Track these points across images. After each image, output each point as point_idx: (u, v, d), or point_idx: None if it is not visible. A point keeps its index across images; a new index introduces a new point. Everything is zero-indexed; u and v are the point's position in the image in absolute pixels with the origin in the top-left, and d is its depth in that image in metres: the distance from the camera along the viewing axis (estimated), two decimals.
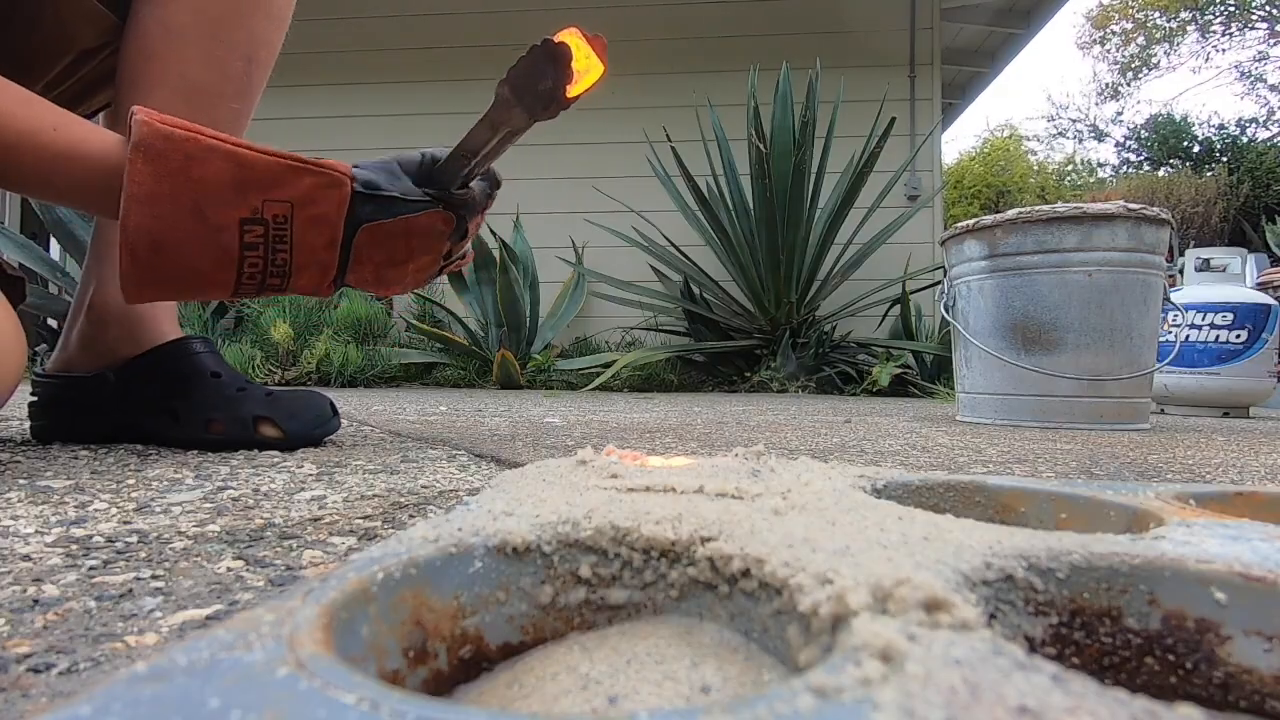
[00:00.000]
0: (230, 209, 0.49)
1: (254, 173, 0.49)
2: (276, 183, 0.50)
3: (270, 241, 0.51)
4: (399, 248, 0.56)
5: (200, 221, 0.48)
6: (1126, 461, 0.71)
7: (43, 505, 0.40)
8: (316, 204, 0.51)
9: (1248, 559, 0.17)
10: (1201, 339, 1.93)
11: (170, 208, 0.48)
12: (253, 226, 0.50)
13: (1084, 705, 0.10)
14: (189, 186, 0.48)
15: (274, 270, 0.52)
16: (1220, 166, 7.14)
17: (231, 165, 0.49)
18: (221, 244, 0.49)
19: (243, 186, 0.49)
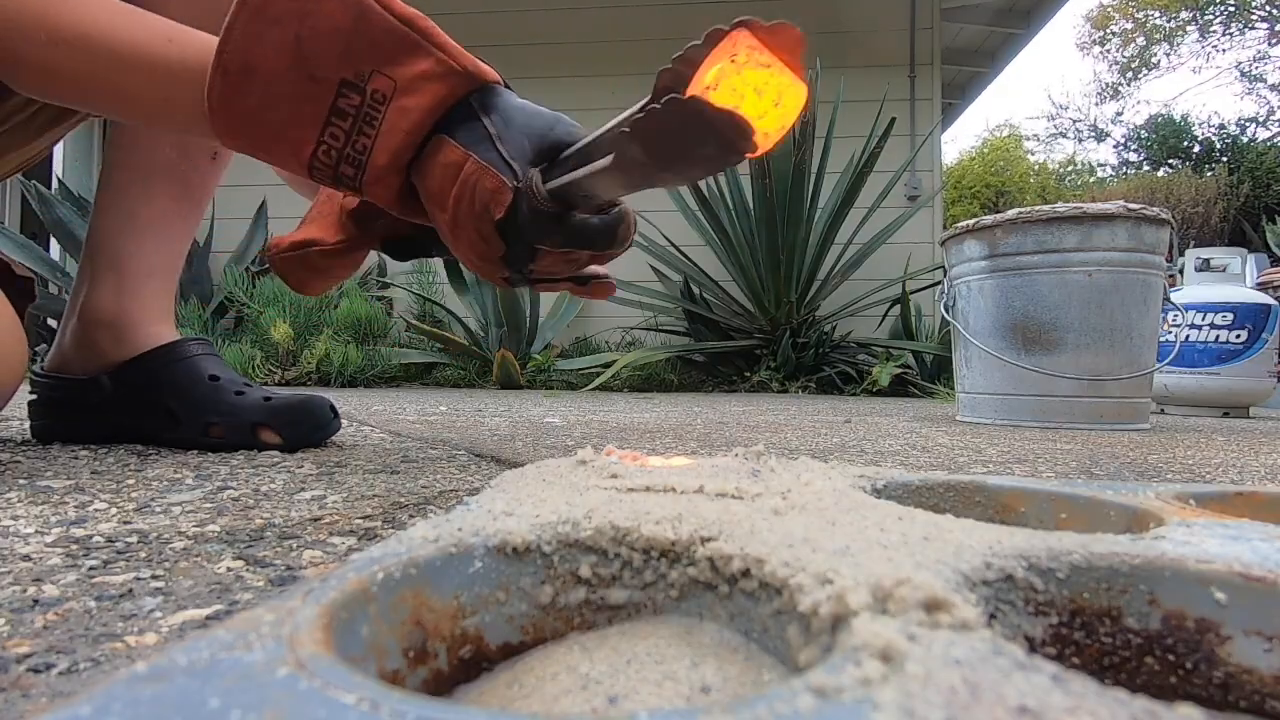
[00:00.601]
0: (334, 63, 0.43)
1: (374, 34, 0.42)
2: (393, 55, 0.43)
3: (360, 119, 0.44)
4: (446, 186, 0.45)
5: (298, 62, 0.42)
6: (1126, 461, 0.71)
7: (43, 505, 0.40)
8: (416, 93, 0.43)
9: (1248, 559, 0.17)
10: (1201, 339, 1.93)
11: (275, 29, 0.42)
12: (350, 94, 0.43)
13: (1084, 705, 0.10)
14: (301, 18, 0.42)
15: (351, 157, 0.45)
16: (1220, 166, 7.15)
17: (353, 15, 0.42)
18: (312, 96, 0.43)
19: (355, 44, 0.42)
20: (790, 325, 2.67)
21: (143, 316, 0.69)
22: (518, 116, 0.45)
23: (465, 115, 0.44)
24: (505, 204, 0.44)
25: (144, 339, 0.68)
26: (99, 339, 0.68)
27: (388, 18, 0.42)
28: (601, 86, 3.33)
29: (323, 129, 0.43)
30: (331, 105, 0.43)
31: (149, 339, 0.68)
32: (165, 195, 0.70)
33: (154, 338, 0.69)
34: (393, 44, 0.42)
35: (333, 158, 0.44)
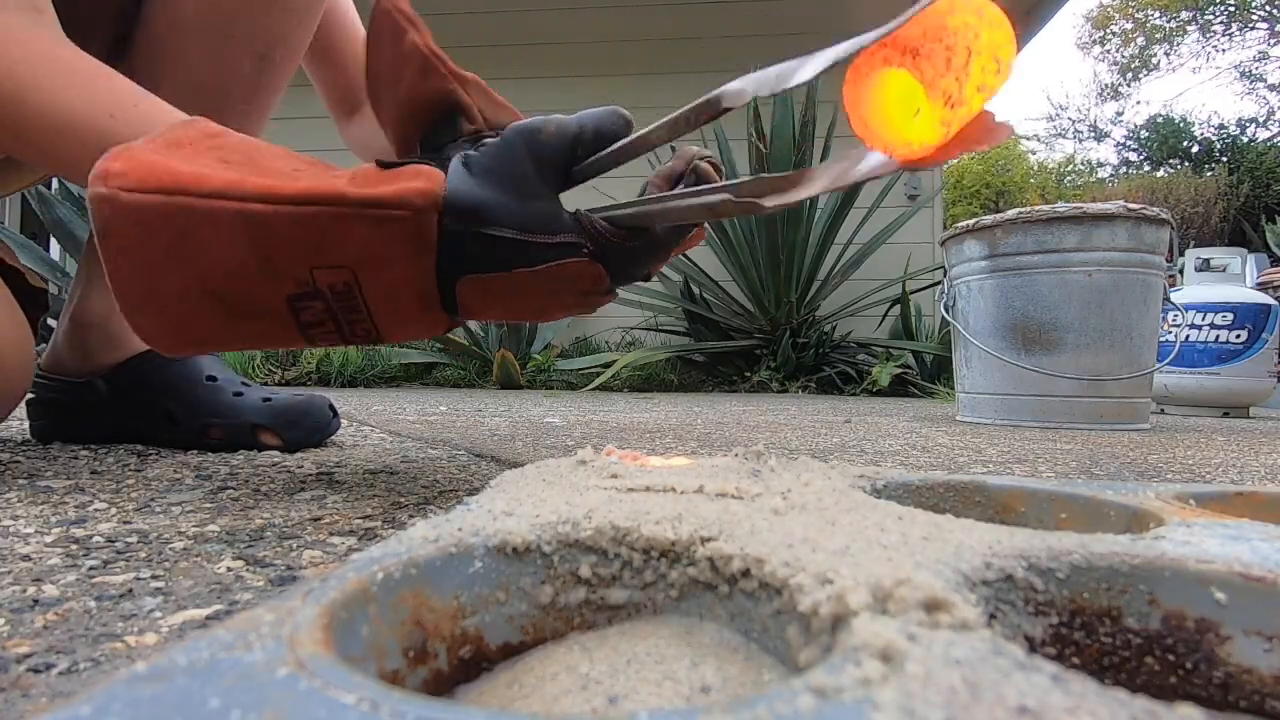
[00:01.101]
0: (268, 290, 0.35)
1: (281, 236, 0.34)
2: (319, 245, 0.34)
3: (338, 314, 0.37)
4: (516, 304, 0.39)
5: (232, 310, 0.35)
6: (1126, 461, 0.71)
7: (43, 505, 0.40)
8: (387, 264, 0.35)
9: (1248, 559, 0.17)
10: (1201, 339, 1.93)
11: (182, 305, 0.35)
12: (306, 303, 0.36)
13: (1084, 705, 0.10)
14: (200, 277, 0.34)
15: (356, 335, 0.39)
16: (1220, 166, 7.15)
17: (247, 233, 0.33)
18: (271, 329, 0.37)
19: (273, 258, 0.34)
20: (790, 325, 2.67)
21: None
22: (504, 186, 0.36)
23: (464, 240, 0.36)
24: (602, 275, 0.38)
25: (134, 342, 0.68)
26: (89, 341, 0.68)
27: (282, 210, 0.34)
28: (601, 86, 3.33)
29: (306, 336, 0.38)
30: (298, 322, 0.37)
31: (140, 342, 0.68)
32: None
33: None
34: (309, 234, 0.34)
35: (336, 340, 0.39)
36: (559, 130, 0.37)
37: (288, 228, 0.34)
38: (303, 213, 0.33)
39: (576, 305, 0.40)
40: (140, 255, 0.34)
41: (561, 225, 0.37)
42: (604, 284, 0.39)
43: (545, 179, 0.37)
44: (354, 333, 0.38)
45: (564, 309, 0.40)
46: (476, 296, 0.38)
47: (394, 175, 0.35)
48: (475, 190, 0.35)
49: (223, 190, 0.33)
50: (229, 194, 0.33)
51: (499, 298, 0.38)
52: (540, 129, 0.37)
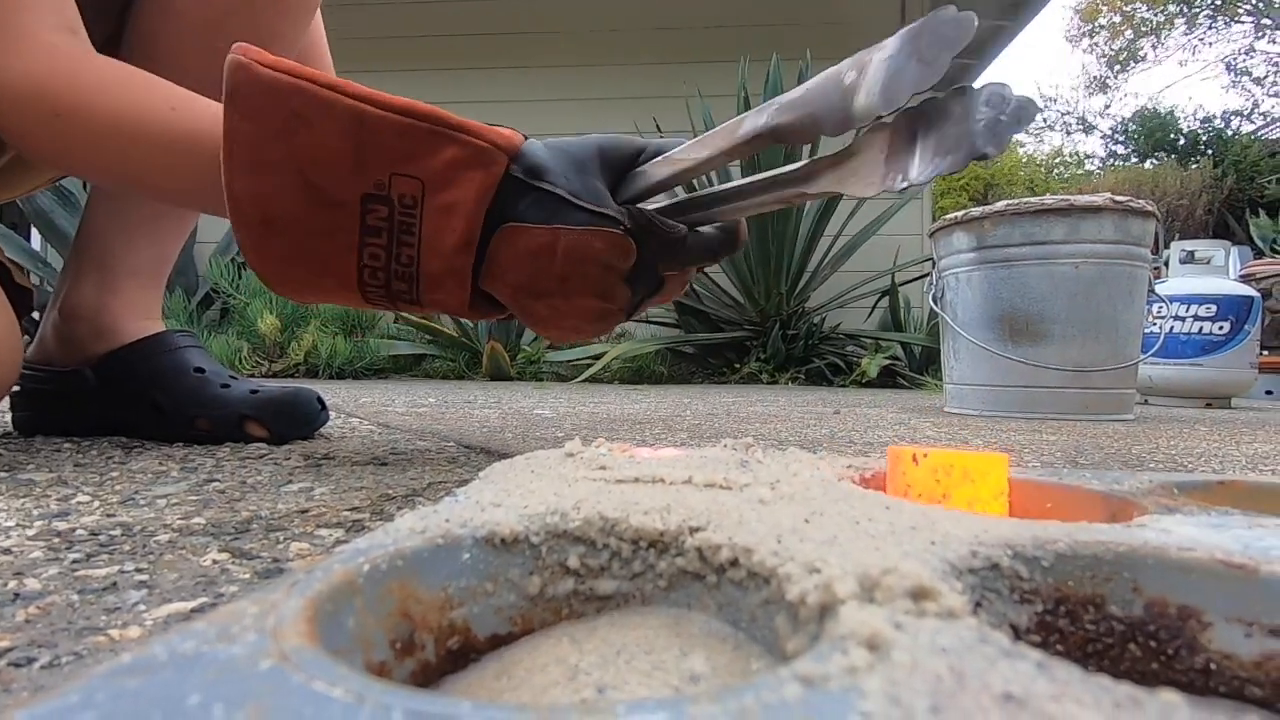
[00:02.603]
0: (350, 181, 0.39)
1: (380, 137, 0.38)
2: (409, 153, 0.39)
3: (395, 230, 0.40)
4: (542, 270, 0.41)
5: (312, 194, 0.39)
6: (1111, 452, 0.72)
7: (24, 498, 0.39)
8: (454, 185, 0.39)
9: (1229, 547, 0.17)
10: (1185, 330, 1.95)
11: (276, 177, 0.39)
12: (375, 205, 0.39)
13: (1068, 692, 0.10)
14: (299, 154, 0.38)
15: (399, 271, 0.41)
16: (1205, 159, 7.21)
17: (353, 126, 0.38)
18: (338, 223, 0.40)
19: (364, 155, 0.38)
20: (780, 317, 2.68)
21: (125, 313, 0.68)
22: (567, 163, 0.41)
23: (520, 191, 0.40)
24: (631, 251, 0.41)
25: (124, 333, 0.67)
26: (78, 333, 0.67)
27: (389, 116, 0.38)
28: (591, 76, 3.31)
29: (360, 252, 0.40)
30: (360, 225, 0.40)
31: (129, 334, 0.67)
32: None
33: (135, 332, 0.68)
34: (403, 141, 0.38)
35: (380, 278, 0.41)
36: (628, 141, 0.44)
37: (387, 130, 0.38)
38: (403, 122, 0.39)
39: (595, 287, 0.42)
40: (258, 122, 0.38)
41: (607, 202, 0.41)
42: (629, 260, 0.42)
43: (605, 170, 0.42)
44: (399, 259, 0.41)
45: (582, 288, 0.42)
46: (508, 248, 0.41)
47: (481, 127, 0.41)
48: (544, 155, 0.41)
49: (340, 86, 0.38)
50: (345, 90, 0.38)
51: (527, 256, 0.41)
52: (615, 137, 0.43)
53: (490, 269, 0.42)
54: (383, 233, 0.40)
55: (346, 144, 0.38)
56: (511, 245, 0.41)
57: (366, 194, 0.39)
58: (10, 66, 0.44)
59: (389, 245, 0.40)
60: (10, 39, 0.45)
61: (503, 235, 0.40)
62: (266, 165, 0.38)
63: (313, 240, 0.40)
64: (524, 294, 0.42)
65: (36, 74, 0.44)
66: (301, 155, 0.38)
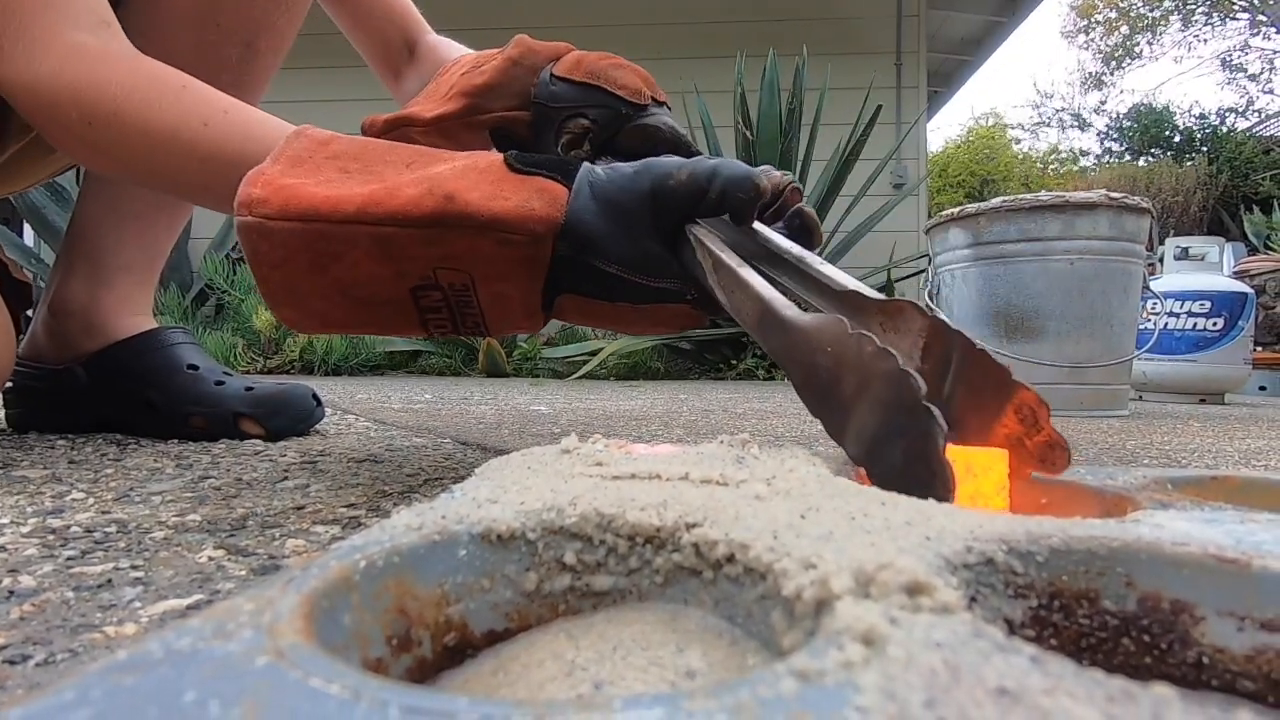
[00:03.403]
0: (394, 286, 0.38)
1: (412, 250, 0.37)
2: (446, 255, 0.37)
3: (453, 305, 0.40)
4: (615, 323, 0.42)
5: (360, 303, 0.39)
6: (1105, 447, 0.72)
7: (18, 495, 0.39)
8: (502, 278, 0.38)
9: (1222, 541, 0.17)
10: (1179, 327, 1.96)
11: (319, 301, 0.39)
12: (428, 292, 0.39)
13: (1061, 686, 0.10)
14: (337, 282, 0.38)
15: (466, 326, 0.42)
16: (1200, 156, 7.23)
17: (381, 251, 0.37)
18: (395, 311, 0.40)
19: (402, 266, 0.38)
20: None
21: (116, 309, 0.67)
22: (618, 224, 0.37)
23: (573, 269, 0.38)
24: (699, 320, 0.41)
25: (115, 330, 0.67)
26: (68, 329, 0.67)
27: (414, 233, 0.36)
28: None
29: (424, 321, 0.41)
30: (419, 310, 0.40)
31: (120, 330, 0.67)
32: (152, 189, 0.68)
33: (126, 329, 0.67)
34: (436, 248, 0.37)
35: (448, 329, 0.42)
36: (689, 181, 0.36)
37: (417, 245, 0.37)
38: (432, 234, 0.36)
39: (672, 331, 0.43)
40: (286, 269, 0.38)
41: (669, 271, 0.37)
42: (701, 323, 0.41)
43: (660, 225, 0.37)
44: (464, 324, 0.41)
45: (658, 331, 0.43)
46: (575, 311, 0.41)
47: (519, 184, 0.37)
48: (593, 222, 0.36)
49: (356, 216, 0.36)
50: (363, 219, 0.36)
51: (595, 317, 0.42)
52: (671, 175, 0.37)
53: (561, 312, 0.42)
54: (442, 309, 0.40)
55: (380, 264, 0.37)
56: (578, 309, 0.41)
57: (414, 287, 0.39)
58: (35, 69, 0.43)
59: (451, 315, 0.41)
60: (35, 38, 0.43)
61: (568, 300, 0.40)
62: (308, 295, 0.39)
63: (369, 324, 0.42)
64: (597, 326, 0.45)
65: (64, 78, 0.43)
66: (340, 280, 0.38)
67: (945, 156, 9.30)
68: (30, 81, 0.44)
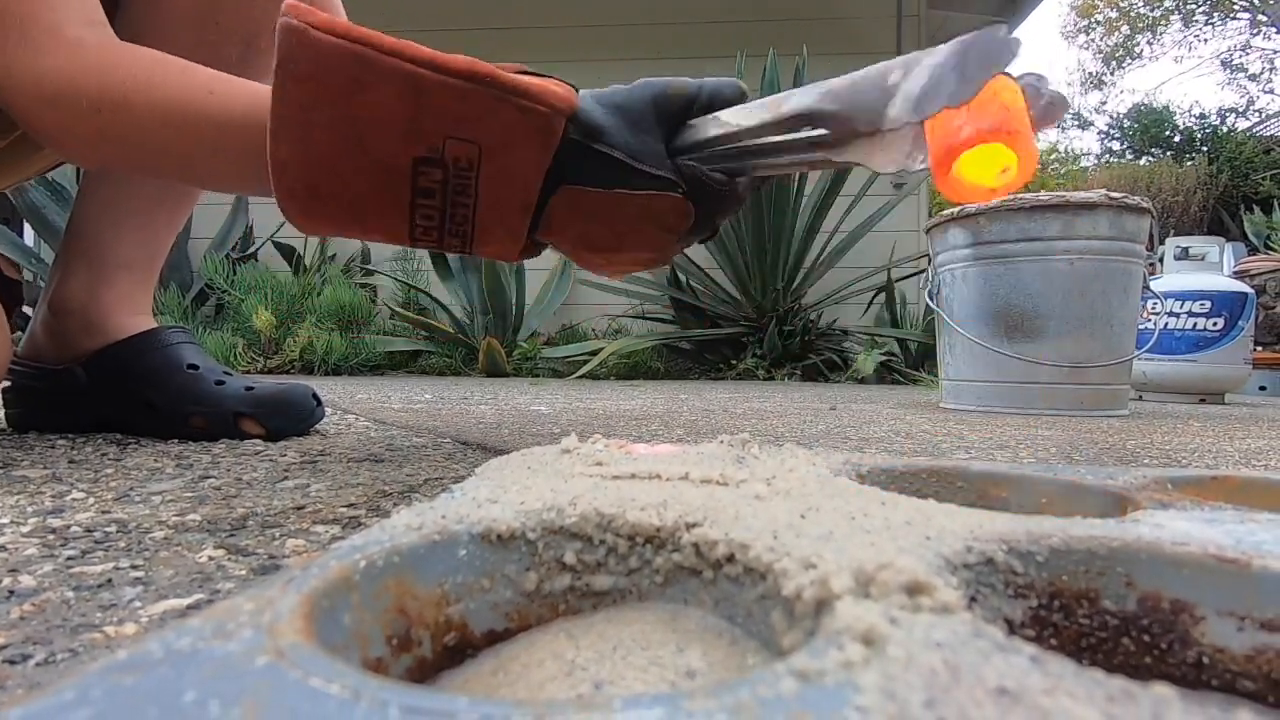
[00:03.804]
0: (402, 146, 0.39)
1: (438, 101, 0.38)
2: (465, 116, 0.38)
3: (449, 192, 0.40)
4: (603, 230, 0.43)
5: (363, 157, 0.39)
6: (1106, 447, 0.72)
7: (18, 495, 0.39)
8: (511, 150, 0.39)
9: (1222, 541, 0.17)
10: (1179, 326, 1.96)
11: (327, 144, 0.38)
12: (428, 169, 0.39)
13: (1061, 685, 0.10)
14: (351, 119, 0.38)
15: (452, 229, 0.42)
16: (1200, 156, 7.22)
17: (409, 92, 0.38)
18: (389, 185, 0.40)
19: (420, 120, 0.38)
20: (776, 313, 2.68)
21: (116, 307, 0.67)
22: (623, 120, 0.41)
23: (579, 153, 0.40)
24: (689, 213, 0.43)
25: (114, 329, 0.66)
26: (68, 328, 0.66)
27: (449, 81, 0.38)
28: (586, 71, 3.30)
29: (411, 212, 0.41)
30: (413, 187, 0.40)
31: (120, 329, 0.66)
32: (150, 185, 0.68)
33: (125, 328, 0.67)
34: (462, 106, 0.38)
35: (433, 235, 0.42)
36: (680, 87, 0.42)
37: (444, 95, 0.38)
38: (462, 86, 0.38)
39: (652, 244, 0.44)
40: (310, 86, 0.37)
41: (664, 163, 0.41)
42: (688, 222, 0.43)
43: (660, 124, 0.41)
44: (452, 221, 0.41)
45: (639, 244, 0.44)
46: (566, 209, 0.42)
47: (539, 79, 0.40)
48: (601, 114, 0.40)
49: (397, 50, 0.37)
50: (403, 54, 0.37)
51: (586, 216, 0.42)
52: (667, 85, 0.42)
53: (548, 224, 0.43)
54: (436, 194, 0.40)
55: (402, 109, 0.38)
56: (571, 205, 0.42)
57: (419, 158, 0.39)
58: (41, 65, 0.44)
59: (443, 206, 0.41)
60: (38, 37, 0.45)
61: (562, 195, 0.41)
62: (316, 129, 0.38)
63: (361, 204, 0.40)
64: (581, 246, 0.44)
65: (69, 70, 0.44)
66: (355, 116, 0.38)
67: None
68: (36, 77, 0.45)
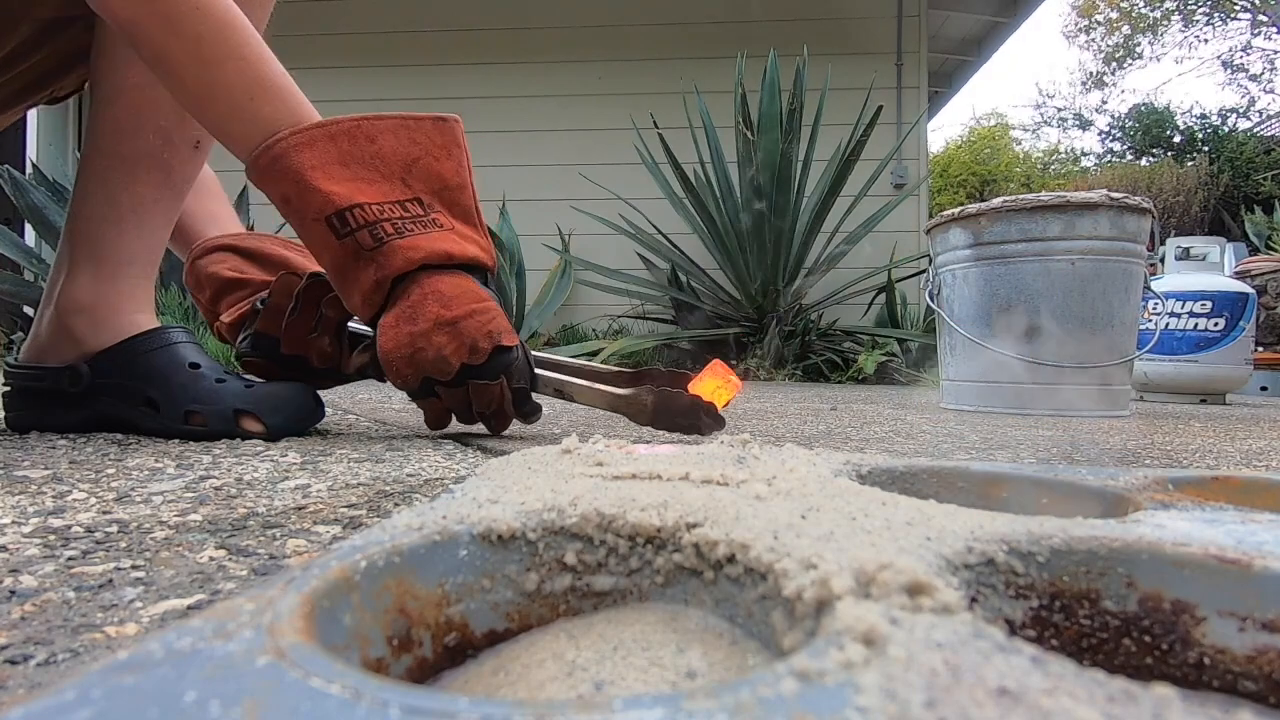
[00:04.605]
0: (423, 186, 0.62)
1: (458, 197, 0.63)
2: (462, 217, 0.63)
3: (415, 220, 0.59)
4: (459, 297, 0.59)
5: (406, 164, 0.61)
6: (1107, 447, 0.72)
7: (19, 495, 0.39)
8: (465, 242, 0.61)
9: (1223, 542, 0.17)
10: (1180, 327, 1.96)
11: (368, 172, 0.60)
12: (416, 206, 0.61)
13: (1062, 686, 0.10)
14: (421, 148, 0.61)
15: (396, 229, 0.58)
16: (1201, 156, 7.22)
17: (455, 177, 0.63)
18: (399, 186, 0.60)
19: (445, 192, 0.62)
20: (777, 313, 2.68)
21: (122, 304, 0.68)
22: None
23: (484, 279, 0.63)
24: (516, 340, 0.63)
25: (123, 326, 0.67)
26: (76, 326, 0.67)
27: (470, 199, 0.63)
28: (588, 71, 3.30)
29: (387, 203, 0.58)
30: (403, 200, 0.59)
31: (128, 326, 0.67)
32: (147, 183, 0.68)
33: (133, 325, 0.67)
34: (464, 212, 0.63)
35: (382, 227, 0.58)
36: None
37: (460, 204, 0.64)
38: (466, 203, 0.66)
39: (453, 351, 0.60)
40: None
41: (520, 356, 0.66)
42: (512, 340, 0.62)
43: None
44: (396, 230, 0.58)
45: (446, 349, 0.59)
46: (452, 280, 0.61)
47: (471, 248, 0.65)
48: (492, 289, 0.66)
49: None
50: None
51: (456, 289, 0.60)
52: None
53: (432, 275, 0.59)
54: (410, 214, 0.60)
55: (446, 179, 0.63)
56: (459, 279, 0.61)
57: (417, 198, 0.61)
58: None
59: (403, 217, 0.59)
60: None
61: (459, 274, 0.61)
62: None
63: (378, 170, 0.60)
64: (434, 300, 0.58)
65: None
66: (422, 153, 0.62)
67: (946, 157, 9.29)
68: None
